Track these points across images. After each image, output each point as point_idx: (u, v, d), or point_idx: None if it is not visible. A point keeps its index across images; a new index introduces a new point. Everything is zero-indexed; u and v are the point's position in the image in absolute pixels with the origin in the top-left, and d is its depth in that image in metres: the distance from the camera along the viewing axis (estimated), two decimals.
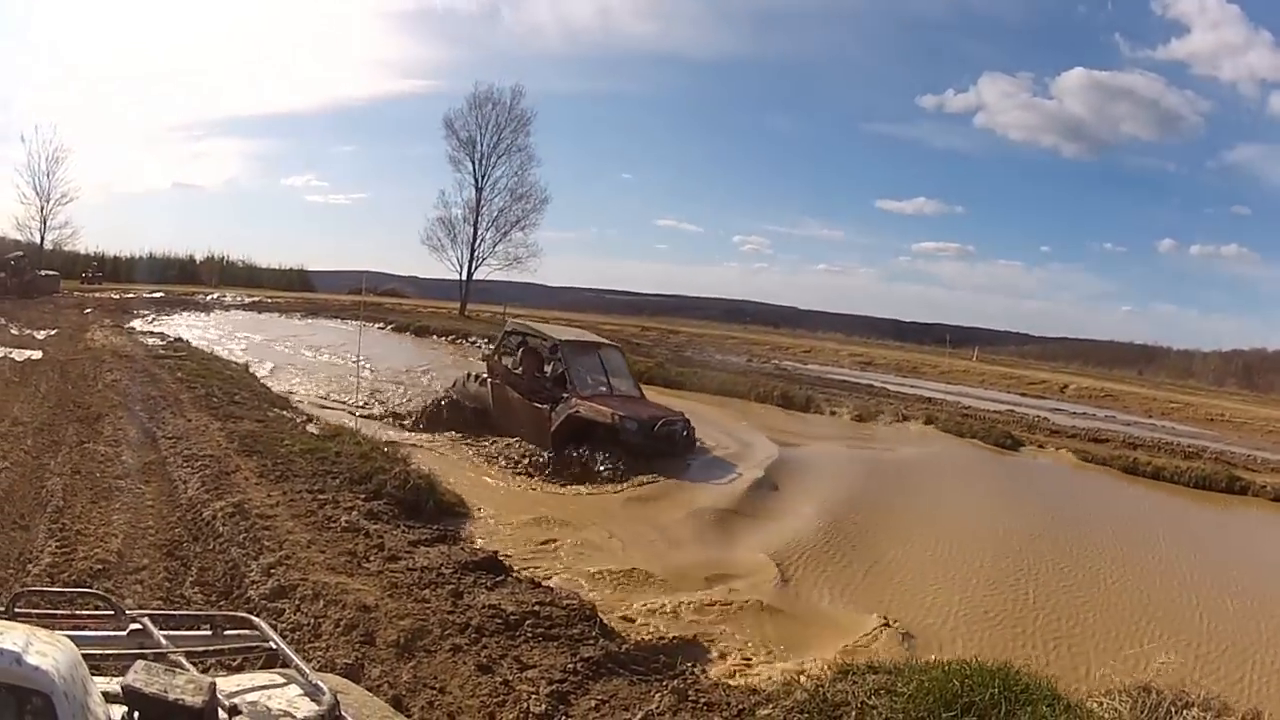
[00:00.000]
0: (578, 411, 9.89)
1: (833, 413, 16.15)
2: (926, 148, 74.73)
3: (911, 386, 24.75)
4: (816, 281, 73.12)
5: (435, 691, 4.30)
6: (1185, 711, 3.91)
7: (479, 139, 32.22)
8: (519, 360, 11.23)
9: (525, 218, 32.76)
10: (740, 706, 4.01)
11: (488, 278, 33.37)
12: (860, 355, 35.36)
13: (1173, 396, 34.96)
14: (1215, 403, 34.70)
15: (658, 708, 4.12)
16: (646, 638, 4.54)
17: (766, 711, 3.95)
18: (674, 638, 4.50)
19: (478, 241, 32.46)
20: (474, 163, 32.26)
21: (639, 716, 4.11)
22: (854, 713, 3.82)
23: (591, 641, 4.32)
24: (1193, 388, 44.08)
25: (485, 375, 11.42)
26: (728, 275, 75.38)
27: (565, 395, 10.18)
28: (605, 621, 4.60)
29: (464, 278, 32.68)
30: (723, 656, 4.62)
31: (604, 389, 10.66)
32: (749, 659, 4.71)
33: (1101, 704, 3.87)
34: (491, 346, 13.05)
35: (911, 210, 74.10)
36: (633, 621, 4.97)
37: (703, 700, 4.08)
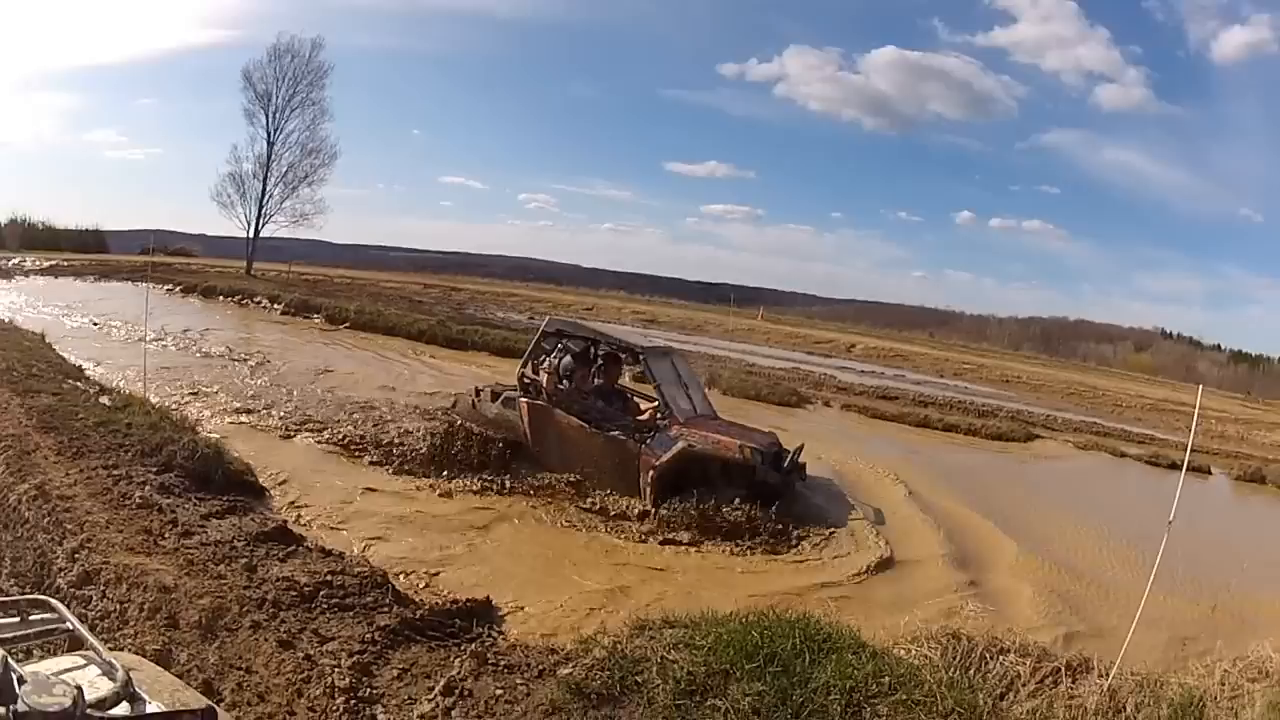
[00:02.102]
0: (691, 446, 7.48)
1: None
2: (723, 115, 77.33)
3: (695, 344, 24.93)
4: (602, 241, 75.02)
5: (242, 672, 4.16)
6: (1001, 658, 3.92)
7: (275, 92, 31.33)
8: (565, 372, 8.45)
9: (314, 173, 31.98)
10: (540, 666, 3.92)
11: (275, 235, 32.65)
12: (643, 313, 35.80)
13: (965, 358, 37.33)
14: (1011, 365, 37.13)
15: (459, 673, 3.98)
16: (439, 602, 4.33)
17: (567, 670, 3.84)
18: (466, 600, 4.30)
19: (266, 198, 31.52)
20: (268, 116, 31.29)
21: (441, 684, 3.98)
22: (655, 667, 3.73)
23: (386, 609, 4.16)
24: (987, 350, 46.78)
25: (511, 393, 8.46)
26: (513, 233, 76.89)
27: (659, 422, 7.93)
28: (397, 588, 4.38)
29: (251, 235, 31.69)
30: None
31: (692, 410, 8.37)
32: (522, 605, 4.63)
33: (910, 651, 3.83)
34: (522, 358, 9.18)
35: (703, 173, 76.77)
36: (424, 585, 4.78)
37: (503, 663, 3.98)
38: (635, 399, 8.84)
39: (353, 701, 3.85)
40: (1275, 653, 4.68)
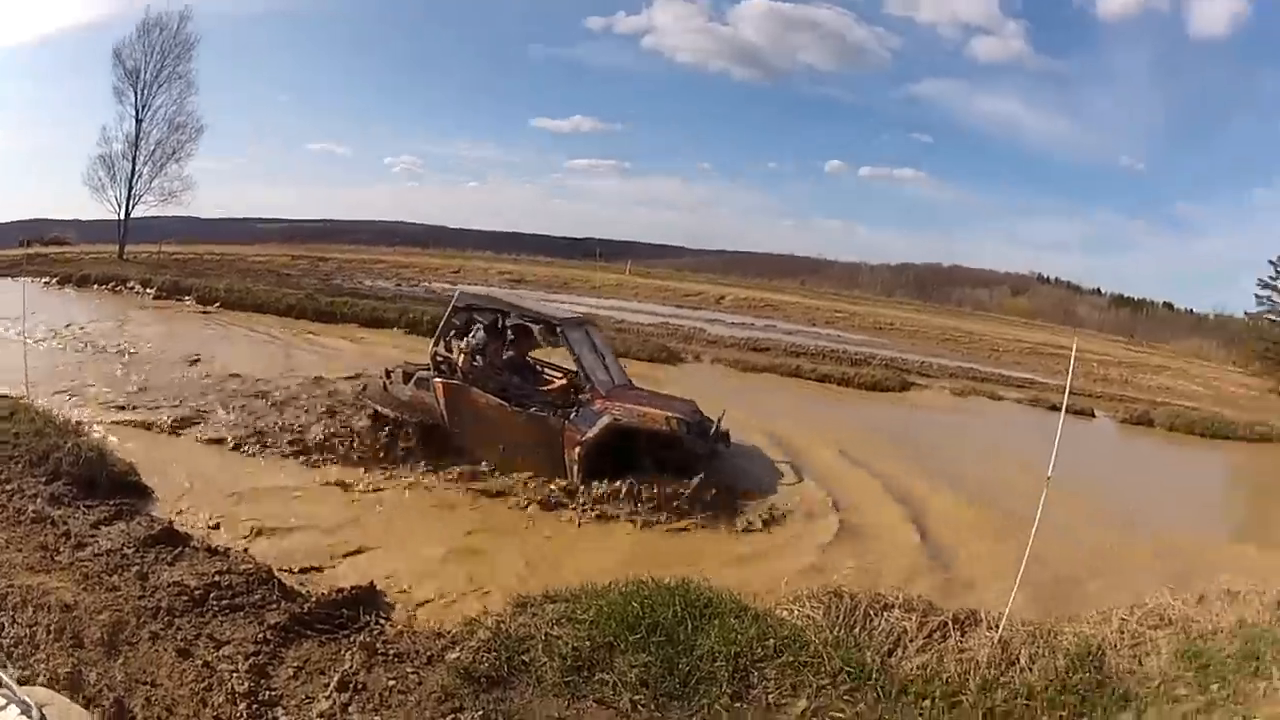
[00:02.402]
0: (616, 420, 7.36)
1: None
2: (588, 67, 77.59)
3: (564, 302, 24.87)
4: (468, 199, 75.05)
5: (149, 686, 4.14)
6: (886, 614, 3.94)
7: (143, 68, 30.64)
8: (478, 347, 8.13)
9: (181, 149, 31.32)
10: (429, 653, 3.92)
11: (145, 215, 31.84)
12: (510, 272, 35.67)
13: (838, 306, 37.61)
14: (884, 312, 37.47)
15: (351, 667, 3.96)
16: (325, 593, 4.30)
17: (455, 655, 3.83)
18: (352, 588, 4.28)
19: (135, 178, 30.81)
20: (136, 93, 30.56)
21: (335, 679, 3.95)
22: (540, 645, 3.73)
23: (274, 606, 4.14)
24: (859, 298, 47.32)
25: (424, 373, 8.14)
26: (380, 197, 76.62)
27: (579, 396, 7.84)
28: (284, 582, 4.35)
29: (122, 217, 30.96)
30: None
31: (610, 381, 8.23)
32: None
33: (792, 612, 3.85)
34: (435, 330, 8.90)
35: (569, 128, 77.23)
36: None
37: (392, 652, 3.96)
38: (545, 371, 8.81)
39: (255, 706, 3.83)
40: (1175, 600, 4.75)
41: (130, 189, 30.78)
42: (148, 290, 20.85)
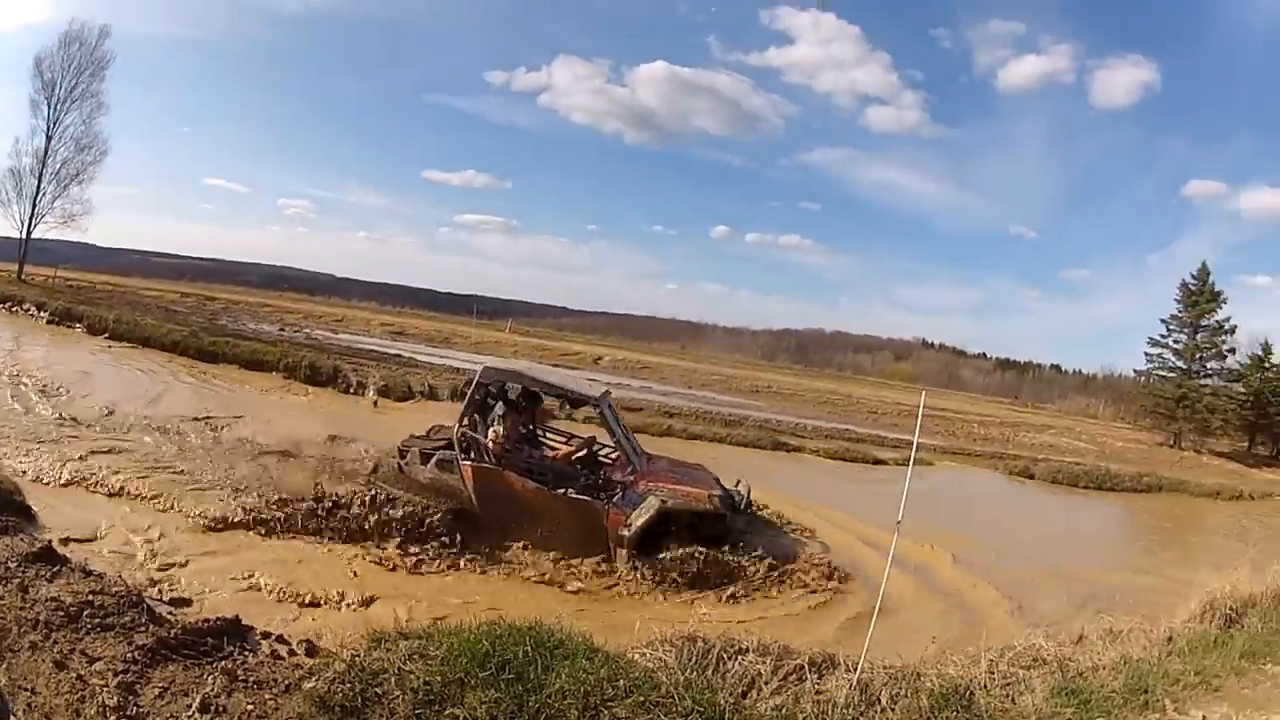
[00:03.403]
0: (665, 504, 7.27)
1: (360, 384, 16.46)
2: (485, 122, 77.73)
3: (441, 357, 25.71)
4: (357, 249, 74.79)
5: (29, 693, 4.24)
6: (740, 658, 3.97)
7: (59, 81, 30.12)
8: (508, 426, 7.82)
9: (84, 171, 30.76)
10: (287, 681, 3.95)
11: (44, 236, 31.54)
12: (392, 325, 36.71)
13: (715, 369, 39.13)
14: (763, 375, 38.44)
15: (213, 690, 4.01)
16: (192, 621, 4.36)
17: (311, 685, 3.86)
18: (217, 619, 4.33)
19: (39, 195, 30.27)
20: (50, 107, 30.07)
21: (197, 701, 3.99)
22: (393, 679, 3.77)
23: (143, 629, 4.19)
24: (740, 362, 48.10)
25: (445, 453, 7.60)
26: (271, 240, 76.04)
27: (624, 479, 7.70)
28: (153, 608, 4.41)
29: (24, 236, 30.47)
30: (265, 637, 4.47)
31: (641, 457, 8.18)
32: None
33: (645, 655, 3.88)
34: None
35: (460, 182, 76.95)
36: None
37: (252, 679, 4.00)
38: (546, 436, 8.82)
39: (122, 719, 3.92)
40: (1047, 640, 4.77)
41: (34, 207, 30.09)
42: (42, 314, 21.63)
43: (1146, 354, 42.99)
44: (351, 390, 16.15)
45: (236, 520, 6.99)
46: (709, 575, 7.05)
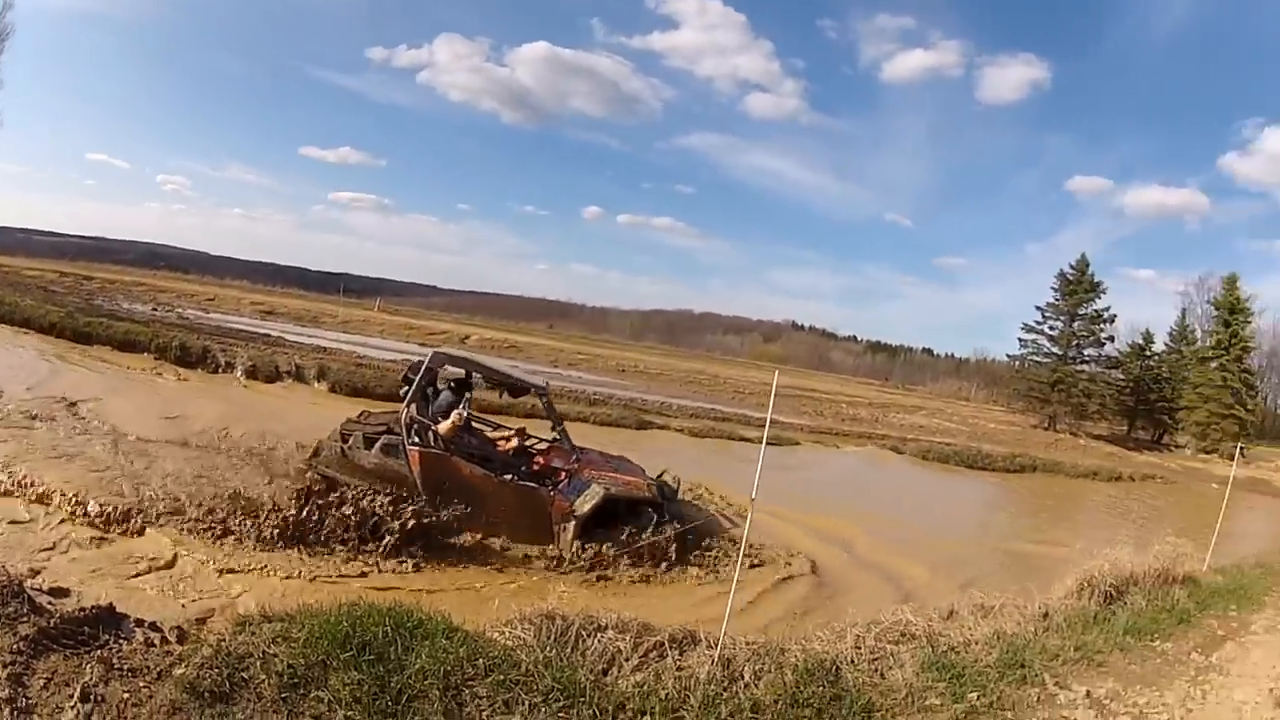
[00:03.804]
0: (608, 490, 7.74)
1: (228, 364, 16.45)
2: (364, 99, 77.08)
3: (310, 336, 25.92)
4: (232, 226, 74.22)
5: None
6: (599, 635, 4.10)
7: None
8: (442, 409, 7.96)
9: None
10: (159, 669, 4.03)
11: None
12: (262, 304, 36.62)
13: (582, 348, 39.67)
14: (630, 355, 38.86)
15: (91, 680, 4.09)
16: (70, 610, 4.46)
17: (181, 670, 3.95)
18: (92, 608, 4.43)
19: None
20: None
21: (78, 690, 4.09)
22: (259, 663, 3.87)
23: (25, 619, 4.24)
24: (607, 341, 48.64)
25: (390, 438, 7.62)
26: (148, 217, 75.13)
27: (567, 466, 8.08)
28: (34, 598, 4.50)
29: None
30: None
31: (578, 449, 8.50)
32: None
33: (505, 634, 4.00)
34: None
35: (335, 159, 76.78)
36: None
37: (127, 666, 4.07)
38: (485, 428, 9.05)
39: (14, 712, 4.00)
40: (916, 615, 4.92)
41: None
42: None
43: (1021, 339, 45.67)
44: (220, 370, 16.11)
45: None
46: (645, 554, 7.51)
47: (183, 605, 5.10)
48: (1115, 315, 43.00)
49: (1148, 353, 46.24)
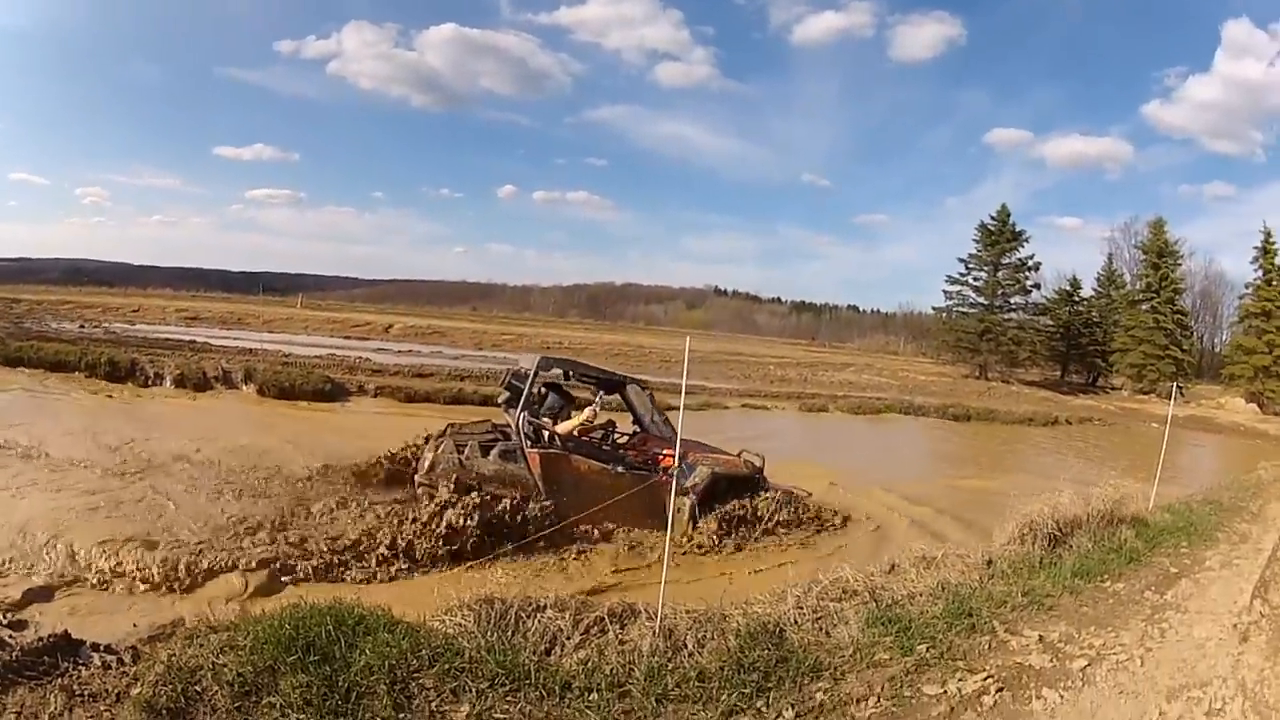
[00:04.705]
0: (715, 470, 8.52)
1: (157, 374, 16.31)
2: (274, 94, 77.51)
3: (235, 339, 25.97)
4: (152, 234, 74.19)
5: None
6: (539, 615, 4.23)
7: None
8: (551, 411, 8.67)
9: None
10: (117, 690, 4.13)
11: None
12: (186, 310, 36.41)
13: (506, 329, 40.22)
14: (554, 331, 39.21)
15: (55, 709, 4.20)
16: (29, 642, 4.57)
17: (138, 690, 4.06)
18: (50, 637, 4.55)
19: None
20: None
21: None
22: (209, 674, 3.98)
23: None
24: (530, 319, 48.77)
25: (506, 444, 8.04)
26: (70, 232, 75.22)
27: (670, 452, 8.38)
28: None
29: None
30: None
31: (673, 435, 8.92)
32: None
33: (445, 622, 4.12)
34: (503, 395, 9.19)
35: (250, 157, 77.09)
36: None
37: (88, 692, 4.18)
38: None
39: None
40: (855, 573, 5.05)
41: None
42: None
43: (945, 291, 46.47)
44: (150, 383, 15.91)
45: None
46: (753, 525, 8.34)
47: (133, 625, 5.20)
48: (1040, 263, 43.92)
49: (1076, 298, 47.14)
